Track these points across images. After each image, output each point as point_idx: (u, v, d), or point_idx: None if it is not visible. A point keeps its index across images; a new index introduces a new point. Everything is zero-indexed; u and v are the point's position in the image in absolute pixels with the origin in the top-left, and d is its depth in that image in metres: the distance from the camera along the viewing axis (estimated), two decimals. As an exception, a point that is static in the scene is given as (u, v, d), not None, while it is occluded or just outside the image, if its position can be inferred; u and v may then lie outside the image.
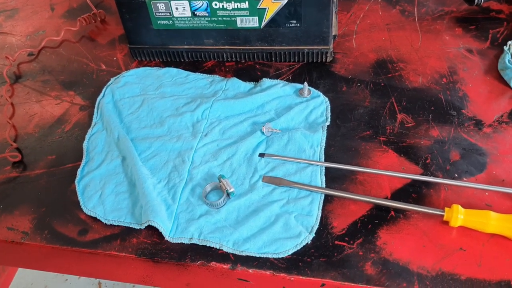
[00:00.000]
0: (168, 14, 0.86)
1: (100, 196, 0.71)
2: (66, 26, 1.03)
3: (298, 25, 0.84)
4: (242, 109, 0.82)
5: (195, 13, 0.85)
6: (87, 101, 0.87)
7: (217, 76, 0.89)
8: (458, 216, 0.62)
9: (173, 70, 0.91)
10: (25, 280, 1.62)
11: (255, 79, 0.88)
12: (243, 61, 0.92)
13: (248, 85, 0.86)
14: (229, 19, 0.85)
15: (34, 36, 1.04)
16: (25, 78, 0.94)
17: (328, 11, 0.82)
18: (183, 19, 0.86)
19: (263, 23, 0.85)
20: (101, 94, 0.87)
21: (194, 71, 0.91)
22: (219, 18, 0.85)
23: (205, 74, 0.90)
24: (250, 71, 0.90)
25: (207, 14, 0.85)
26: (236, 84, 0.86)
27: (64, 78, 0.93)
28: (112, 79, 0.90)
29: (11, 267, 1.45)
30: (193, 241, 0.65)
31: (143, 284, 0.70)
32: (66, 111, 0.86)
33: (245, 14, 0.84)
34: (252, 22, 0.85)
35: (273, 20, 0.84)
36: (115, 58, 0.96)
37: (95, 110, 0.84)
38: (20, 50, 0.98)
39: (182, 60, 0.93)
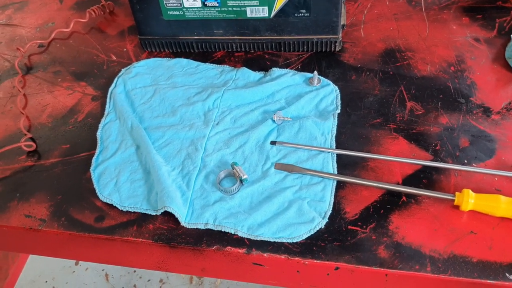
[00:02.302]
0: (179, 4, 0.86)
1: (116, 183, 0.72)
2: (75, 18, 1.04)
3: (308, 14, 0.85)
4: (253, 98, 0.83)
5: (206, 3, 0.86)
6: (98, 91, 0.88)
7: (227, 66, 0.90)
8: (469, 200, 0.63)
9: (183, 61, 0.92)
10: (33, 272, 1.64)
11: (264, 68, 0.89)
12: (252, 51, 0.93)
13: (258, 74, 0.87)
14: (239, 9, 0.86)
15: (44, 28, 1.05)
16: (37, 69, 0.95)
17: (337, 1, 0.83)
18: (193, 9, 0.87)
19: (273, 13, 0.86)
20: (113, 85, 0.88)
21: (203, 61, 0.92)
22: (229, 8, 0.86)
23: (214, 64, 0.91)
24: (259, 61, 0.91)
25: (217, 5, 0.85)
26: (246, 74, 0.87)
27: (75, 69, 0.94)
28: (123, 70, 0.91)
29: (20, 259, 1.46)
30: (209, 227, 0.66)
31: (158, 270, 0.72)
32: (78, 101, 0.87)
33: (255, 4, 0.85)
34: (261, 12, 0.86)
35: (282, 10, 0.85)
36: (125, 49, 0.97)
37: (108, 100, 0.85)
38: (30, 42, 0.99)
39: (192, 51, 0.94)
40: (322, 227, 0.65)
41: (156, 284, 1.59)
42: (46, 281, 1.63)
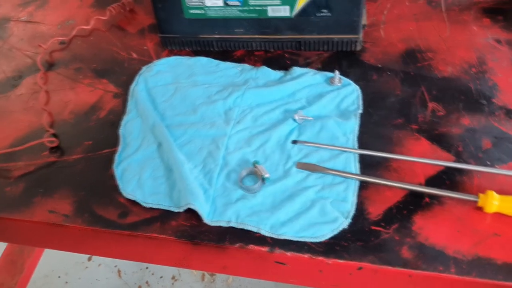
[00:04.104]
0: (200, 3, 0.87)
1: (138, 180, 0.72)
2: (95, 16, 1.04)
3: (329, 14, 0.85)
4: (273, 97, 0.83)
5: (227, 2, 0.86)
6: (120, 88, 0.89)
7: (247, 65, 0.90)
8: (493, 202, 0.63)
9: (203, 59, 0.92)
10: (47, 267, 1.65)
11: (284, 68, 0.89)
12: (272, 50, 0.93)
13: (278, 73, 0.88)
14: (260, 8, 0.86)
15: (65, 25, 1.06)
16: (58, 66, 0.95)
17: (359, 0, 0.83)
18: (215, 8, 0.87)
19: (294, 12, 0.86)
20: (134, 82, 0.88)
21: (223, 60, 0.92)
22: (251, 8, 0.86)
23: (234, 63, 0.91)
24: (279, 60, 0.91)
25: (239, 4, 0.86)
26: (267, 73, 0.88)
27: (96, 66, 0.94)
28: (144, 68, 0.92)
29: (35, 253, 1.47)
30: (231, 224, 0.66)
31: (179, 267, 0.72)
32: (100, 98, 0.87)
33: (277, 3, 0.85)
34: (283, 12, 0.86)
35: (304, 10, 0.85)
36: (145, 47, 0.97)
37: (129, 97, 0.86)
38: (52, 39, 0.99)
39: (212, 50, 0.94)
40: (345, 227, 0.65)
41: (169, 281, 1.60)
42: (59, 276, 1.64)
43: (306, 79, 0.84)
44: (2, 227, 0.73)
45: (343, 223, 0.65)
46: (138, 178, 0.73)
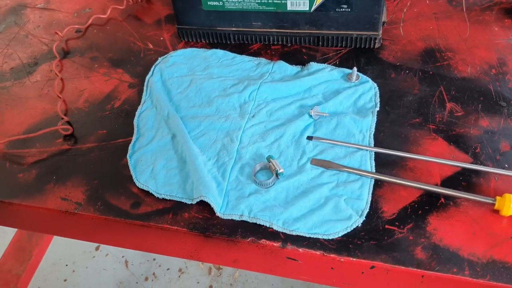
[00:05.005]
0: (219, -5, 0.86)
1: (152, 171, 0.72)
2: (112, 5, 1.04)
3: (349, 10, 0.84)
4: (289, 92, 0.82)
5: (246, -5, 0.85)
6: (135, 79, 0.89)
7: (263, 58, 0.90)
8: (510, 205, 0.62)
9: (219, 52, 0.92)
10: (55, 256, 1.66)
11: (301, 63, 0.88)
12: (289, 44, 0.92)
13: (295, 68, 0.87)
14: (279, 1, 0.85)
15: (81, 13, 1.05)
16: (74, 54, 0.95)
17: (380, -3, 0.82)
18: (233, 1, 0.87)
19: (314, 7, 0.85)
20: (150, 73, 0.88)
21: (240, 53, 0.92)
22: (269, 1, 0.85)
23: (251, 57, 0.91)
24: (296, 54, 0.90)
25: (257, -4, 0.85)
26: (283, 67, 0.87)
27: (112, 55, 0.94)
28: (160, 59, 0.91)
29: (44, 241, 1.48)
30: (243, 218, 0.66)
31: (189, 259, 0.72)
32: (115, 88, 0.87)
33: (296, -3, 0.84)
34: (302, 6, 0.85)
35: (323, 4, 0.84)
36: (162, 38, 0.97)
37: (145, 88, 0.86)
38: (68, 27, 0.99)
39: (229, 42, 0.94)
40: (359, 225, 0.64)
41: (175, 273, 1.60)
42: (66, 265, 1.65)
43: (323, 75, 0.84)
44: (13, 213, 0.73)
45: (357, 221, 0.64)
46: (151, 168, 0.72)
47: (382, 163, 0.71)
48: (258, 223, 0.65)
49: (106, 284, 1.59)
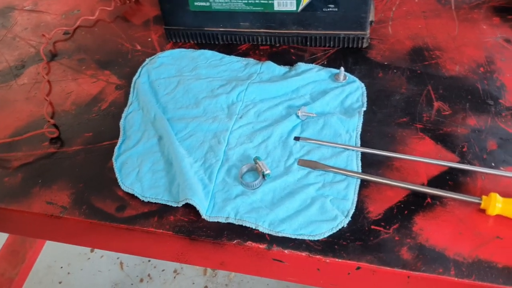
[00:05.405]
0: (206, -5, 0.86)
1: (138, 173, 0.72)
2: (101, 6, 1.04)
3: (336, 9, 0.84)
4: (277, 93, 0.82)
5: (233, -5, 0.85)
6: (122, 80, 0.88)
7: (252, 59, 0.89)
8: (496, 204, 0.62)
9: (208, 52, 0.91)
10: (49, 258, 1.66)
11: (290, 63, 0.88)
12: (278, 45, 0.92)
13: (283, 69, 0.87)
14: (266, 2, 0.85)
15: (69, 15, 1.05)
16: (61, 56, 0.95)
17: (367, -4, 0.82)
18: (220, 1, 0.86)
19: (301, 7, 0.85)
20: (137, 74, 0.88)
21: (228, 53, 0.91)
22: (257, 1, 0.85)
23: (239, 57, 0.90)
24: (285, 55, 0.90)
25: (244, -3, 0.85)
26: (271, 68, 0.86)
27: (100, 57, 0.94)
28: (147, 60, 0.91)
29: (37, 244, 1.48)
30: (230, 221, 0.66)
31: (176, 262, 0.71)
32: (102, 90, 0.87)
33: (283, -3, 0.84)
34: (289, 6, 0.85)
35: (310, 4, 0.84)
36: (149, 39, 0.96)
37: (131, 89, 0.85)
38: (56, 29, 0.99)
39: (217, 43, 0.93)
40: (345, 226, 0.64)
41: (171, 274, 1.60)
42: (61, 267, 1.65)
43: (310, 75, 0.83)
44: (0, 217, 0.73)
45: (343, 221, 0.64)
46: (137, 171, 0.72)
47: (369, 163, 0.71)
48: (244, 225, 0.65)
49: (101, 286, 1.59)
